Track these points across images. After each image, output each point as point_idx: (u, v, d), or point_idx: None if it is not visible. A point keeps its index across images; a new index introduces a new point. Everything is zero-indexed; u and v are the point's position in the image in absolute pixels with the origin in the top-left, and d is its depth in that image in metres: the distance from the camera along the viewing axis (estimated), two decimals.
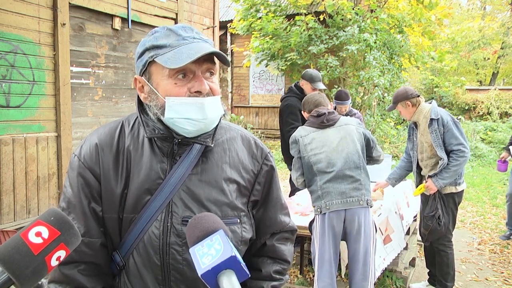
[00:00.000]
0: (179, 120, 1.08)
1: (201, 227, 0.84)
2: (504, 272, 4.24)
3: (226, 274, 0.76)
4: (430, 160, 3.48)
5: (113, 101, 5.43)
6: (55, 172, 4.64)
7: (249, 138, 1.28)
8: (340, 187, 2.74)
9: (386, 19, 9.70)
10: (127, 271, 1.15)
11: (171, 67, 1.04)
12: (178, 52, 1.05)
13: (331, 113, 2.92)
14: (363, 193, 2.77)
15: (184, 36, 1.09)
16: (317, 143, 2.82)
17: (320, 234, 2.79)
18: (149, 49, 1.10)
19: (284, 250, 1.33)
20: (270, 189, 1.29)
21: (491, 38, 19.34)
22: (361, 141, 2.88)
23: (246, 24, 11.27)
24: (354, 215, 2.74)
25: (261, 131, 13.26)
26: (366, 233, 2.77)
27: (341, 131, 2.85)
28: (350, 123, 2.93)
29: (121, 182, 1.13)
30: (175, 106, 1.07)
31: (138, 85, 1.16)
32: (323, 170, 2.77)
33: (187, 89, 1.08)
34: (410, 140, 3.70)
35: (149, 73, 1.12)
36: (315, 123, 2.90)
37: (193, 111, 1.07)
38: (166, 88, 1.08)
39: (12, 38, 4.16)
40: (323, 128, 2.87)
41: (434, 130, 3.33)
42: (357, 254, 2.77)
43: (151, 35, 1.12)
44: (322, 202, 2.77)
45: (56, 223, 0.71)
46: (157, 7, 5.88)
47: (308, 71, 4.41)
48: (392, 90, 10.01)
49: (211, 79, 1.12)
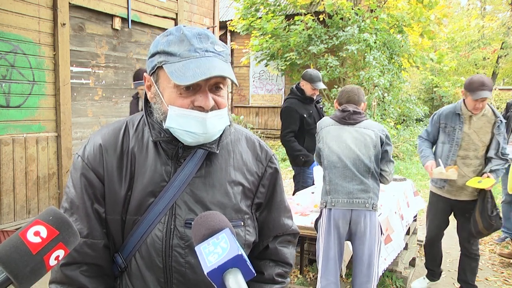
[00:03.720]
0: (179, 131, 1.07)
1: (208, 225, 0.84)
2: (504, 272, 4.24)
3: (232, 272, 0.75)
4: (477, 160, 3.32)
5: (113, 101, 5.43)
6: (55, 172, 4.64)
7: (253, 140, 1.28)
8: (348, 186, 2.74)
9: (386, 19, 9.70)
10: (129, 273, 1.14)
11: (175, 82, 1.01)
12: (185, 66, 1.02)
13: (356, 113, 2.87)
14: (370, 197, 2.76)
15: (196, 47, 1.04)
16: (332, 137, 2.84)
17: (326, 232, 2.79)
18: (160, 53, 1.07)
19: (286, 253, 1.32)
20: (274, 192, 1.28)
21: (491, 38, 19.35)
22: (377, 147, 2.81)
23: (245, 24, 11.27)
24: (360, 216, 2.74)
25: (261, 131, 13.27)
26: (372, 235, 2.76)
27: (358, 133, 2.82)
28: (371, 127, 2.85)
29: (125, 183, 1.12)
30: (176, 117, 1.06)
31: (147, 83, 1.15)
32: (332, 165, 2.80)
33: (191, 101, 1.05)
34: (447, 134, 3.41)
35: (157, 76, 1.10)
36: (337, 117, 2.91)
37: (193, 125, 1.06)
38: (170, 97, 1.07)
39: (12, 38, 4.16)
40: (342, 124, 2.87)
41: (501, 132, 3.22)
42: (361, 256, 2.77)
43: (165, 37, 1.09)
44: (328, 198, 2.79)
45: (54, 223, 0.71)
46: (157, 7, 5.88)
47: (308, 71, 4.40)
48: (392, 90, 10.01)
49: (218, 93, 1.09)
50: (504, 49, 19.13)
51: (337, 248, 2.78)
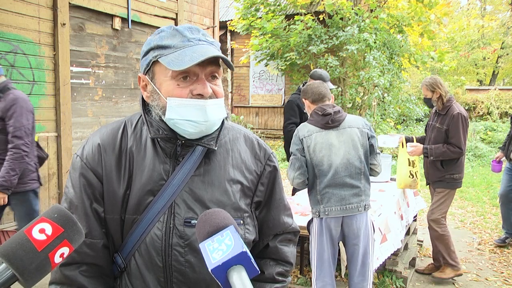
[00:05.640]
0: (180, 122, 1.08)
1: (212, 222, 0.84)
2: (504, 272, 4.24)
3: (236, 269, 0.76)
4: None
5: (113, 101, 5.43)
6: (55, 172, 4.64)
7: (252, 139, 1.28)
8: (340, 193, 2.69)
9: (386, 19, 9.70)
10: (128, 273, 1.14)
11: (173, 68, 1.03)
12: (181, 54, 1.05)
13: (337, 113, 2.78)
14: (363, 199, 2.73)
15: (189, 37, 1.08)
16: (320, 146, 2.72)
17: (318, 235, 2.78)
18: (154, 49, 1.09)
19: (287, 252, 1.32)
20: (273, 190, 1.28)
21: (491, 38, 19.36)
22: (364, 145, 2.76)
23: (245, 23, 11.28)
24: (352, 219, 2.71)
25: (261, 131, 13.26)
26: (365, 235, 2.75)
27: (344, 135, 2.75)
28: (354, 125, 2.79)
29: (124, 183, 1.12)
30: (176, 107, 1.07)
31: (142, 84, 1.16)
32: (323, 174, 2.71)
33: (189, 91, 1.07)
34: None
35: (153, 72, 1.12)
36: (319, 123, 2.77)
37: (194, 113, 1.07)
38: (168, 89, 1.08)
39: (12, 38, 4.16)
40: (327, 129, 2.76)
41: None
42: (356, 256, 2.76)
43: (157, 34, 1.11)
44: (321, 207, 2.72)
45: (59, 220, 0.71)
46: (157, 7, 5.88)
47: (318, 71, 4.34)
48: (392, 90, 10.02)
49: (214, 82, 1.11)
50: (504, 49, 19.15)
51: (330, 250, 2.77)
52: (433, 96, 3.82)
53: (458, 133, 3.66)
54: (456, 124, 3.67)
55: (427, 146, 3.79)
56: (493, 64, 20.29)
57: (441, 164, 3.79)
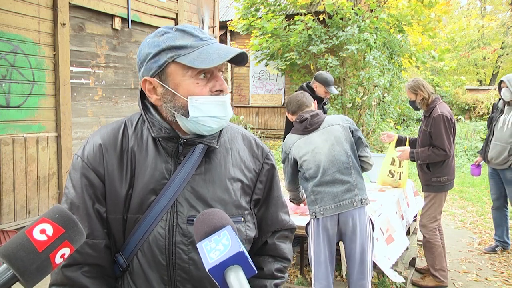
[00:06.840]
0: (204, 119, 1.09)
1: (209, 222, 0.84)
2: (504, 272, 4.24)
3: (234, 269, 0.76)
4: None
5: (113, 101, 5.43)
6: (55, 172, 4.64)
7: (249, 138, 1.30)
8: (332, 191, 2.70)
9: (386, 19, 9.71)
10: (131, 273, 1.14)
11: (200, 67, 1.05)
12: (203, 53, 1.06)
13: (314, 116, 2.82)
14: (356, 194, 2.72)
15: (201, 37, 1.10)
16: (304, 150, 2.77)
17: (315, 236, 2.78)
18: (166, 50, 1.08)
19: (284, 248, 1.35)
20: (271, 188, 1.30)
21: (491, 38, 19.37)
22: (349, 139, 2.78)
23: (245, 23, 11.28)
24: (348, 216, 2.71)
25: (261, 131, 13.27)
26: (362, 232, 2.75)
27: (326, 133, 2.78)
28: (334, 122, 2.82)
29: (126, 182, 1.12)
30: (199, 105, 1.08)
31: (149, 87, 1.13)
32: (313, 175, 2.74)
33: (209, 88, 1.10)
34: None
35: (166, 74, 1.10)
36: (299, 130, 2.84)
37: (216, 109, 1.10)
38: (188, 88, 1.08)
39: (12, 38, 4.16)
40: (308, 134, 2.80)
41: None
42: (353, 254, 2.77)
43: (162, 36, 1.10)
44: (316, 207, 2.75)
45: (60, 221, 0.71)
46: (157, 7, 5.88)
47: (323, 73, 4.28)
48: (392, 90, 10.02)
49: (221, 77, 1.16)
50: (504, 49, 19.15)
51: (327, 251, 2.78)
52: (416, 98, 3.77)
53: (441, 135, 3.55)
54: (438, 126, 3.57)
55: (413, 150, 3.73)
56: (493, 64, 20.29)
57: (427, 167, 3.71)
